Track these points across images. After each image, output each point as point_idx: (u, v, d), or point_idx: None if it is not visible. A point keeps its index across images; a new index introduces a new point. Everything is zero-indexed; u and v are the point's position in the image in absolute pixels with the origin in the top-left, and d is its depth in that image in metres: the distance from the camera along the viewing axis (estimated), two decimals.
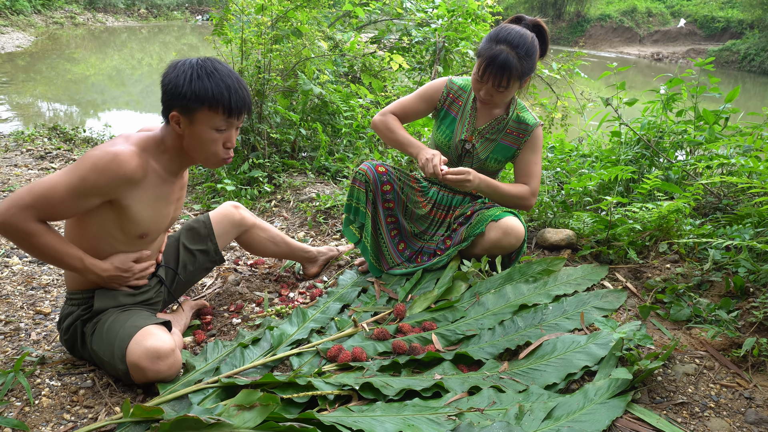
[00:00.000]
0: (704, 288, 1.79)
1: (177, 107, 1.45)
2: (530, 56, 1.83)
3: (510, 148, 2.03)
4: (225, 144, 1.52)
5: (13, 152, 4.33)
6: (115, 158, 1.39)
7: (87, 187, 1.39)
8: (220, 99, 1.44)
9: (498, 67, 1.79)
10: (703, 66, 2.53)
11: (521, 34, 1.81)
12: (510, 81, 1.82)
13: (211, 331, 1.89)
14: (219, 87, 1.44)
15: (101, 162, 1.38)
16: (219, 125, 1.47)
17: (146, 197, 1.49)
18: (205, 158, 1.54)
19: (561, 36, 22.57)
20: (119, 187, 1.42)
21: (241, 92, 1.47)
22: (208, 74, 1.43)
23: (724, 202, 2.25)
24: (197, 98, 1.42)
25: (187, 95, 1.42)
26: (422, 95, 2.09)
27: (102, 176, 1.38)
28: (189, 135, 1.48)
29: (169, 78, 1.44)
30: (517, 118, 2.01)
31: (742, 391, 1.38)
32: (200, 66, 1.44)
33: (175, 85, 1.42)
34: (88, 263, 1.50)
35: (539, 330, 1.63)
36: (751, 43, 16.96)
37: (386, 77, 4.49)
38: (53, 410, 1.43)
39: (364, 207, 2.02)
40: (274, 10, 3.50)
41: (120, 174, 1.40)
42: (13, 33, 13.93)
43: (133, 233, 1.53)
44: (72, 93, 8.76)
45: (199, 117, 1.45)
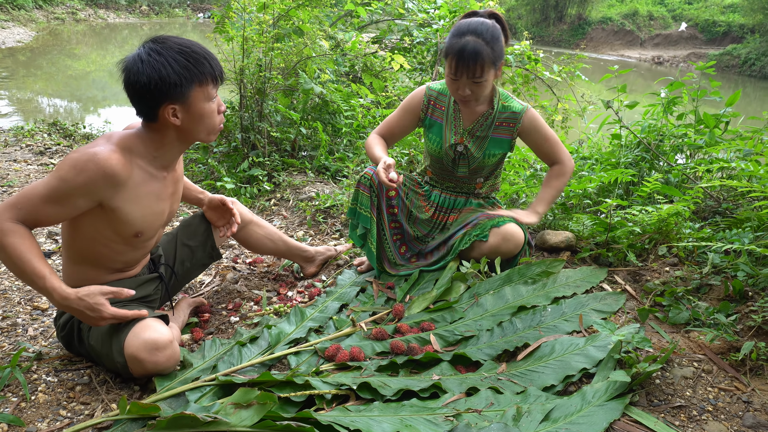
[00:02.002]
0: (703, 291, 1.79)
1: (169, 99, 1.40)
2: (497, 40, 1.81)
3: (504, 140, 2.01)
4: (218, 110, 1.52)
5: (12, 147, 4.32)
6: (92, 159, 1.34)
7: (66, 190, 1.34)
8: (204, 70, 1.42)
9: (469, 56, 1.76)
10: (704, 70, 2.53)
11: (481, 22, 1.81)
12: (484, 68, 1.79)
13: (208, 329, 1.89)
14: (198, 61, 1.41)
15: (79, 163, 1.34)
16: (211, 94, 1.47)
17: (134, 196, 1.46)
18: (207, 133, 1.51)
19: (562, 38, 22.58)
20: (101, 188, 1.37)
21: (212, 54, 1.47)
22: (180, 53, 1.39)
23: (724, 206, 2.25)
24: (187, 80, 1.40)
25: (178, 83, 1.38)
26: (404, 108, 2.08)
27: (80, 177, 1.34)
28: (189, 119, 1.45)
29: (147, 75, 1.37)
30: (502, 108, 1.98)
31: (740, 394, 1.38)
32: (168, 48, 1.39)
33: (159, 78, 1.37)
34: (51, 287, 1.35)
35: (538, 332, 1.62)
36: (751, 48, 16.97)
37: (387, 77, 4.49)
38: (49, 406, 1.43)
39: (368, 212, 2.00)
40: (275, 8, 3.49)
41: (99, 175, 1.35)
42: (14, 28, 13.92)
43: (128, 233, 1.50)
44: (72, 89, 8.75)
45: (194, 96, 1.43)
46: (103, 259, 1.54)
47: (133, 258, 1.62)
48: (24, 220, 1.36)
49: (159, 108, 1.41)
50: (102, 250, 1.52)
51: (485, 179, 2.13)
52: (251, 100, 3.51)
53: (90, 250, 1.51)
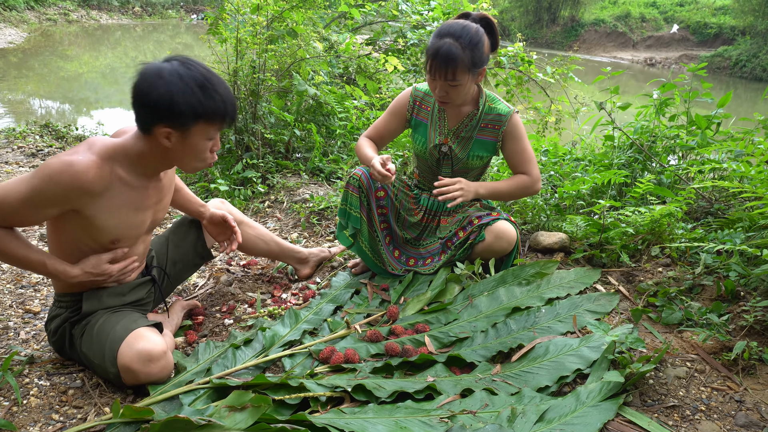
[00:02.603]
0: (696, 291, 1.80)
1: (167, 122, 1.35)
2: (475, 45, 1.78)
3: (489, 142, 2.01)
4: (212, 149, 1.47)
5: (3, 149, 4.28)
6: (69, 169, 1.31)
7: (39, 198, 1.33)
8: (218, 111, 1.39)
9: (442, 59, 1.75)
10: (696, 71, 2.55)
11: (463, 26, 1.79)
12: (457, 72, 1.77)
13: (202, 332, 1.88)
14: (215, 100, 1.37)
15: (54, 173, 1.31)
16: (212, 135, 1.43)
17: (111, 206, 1.42)
18: (193, 166, 1.48)
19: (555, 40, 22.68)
20: (75, 197, 1.35)
21: (232, 98, 1.42)
22: (201, 86, 1.34)
23: (716, 207, 2.27)
24: (196, 114, 1.35)
25: (186, 112, 1.34)
26: (391, 111, 2.08)
27: (55, 187, 1.32)
28: (180, 147, 1.41)
29: (159, 93, 1.32)
30: (488, 110, 1.98)
31: (733, 394, 1.39)
32: (190, 77, 1.34)
33: (170, 101, 1.32)
34: (52, 268, 1.43)
35: (532, 333, 1.63)
36: (742, 50, 17.12)
37: (381, 79, 4.49)
38: (42, 410, 1.42)
39: (357, 212, 2.01)
40: (269, 10, 3.49)
41: (74, 185, 1.33)
42: (5, 29, 13.81)
43: (103, 240, 1.48)
44: (65, 90, 8.70)
45: (195, 130, 1.39)
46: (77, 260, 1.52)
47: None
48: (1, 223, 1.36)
49: (155, 125, 1.37)
50: (87, 253, 1.50)
51: (473, 181, 2.13)
52: (245, 101, 3.50)
53: (74, 252, 1.49)
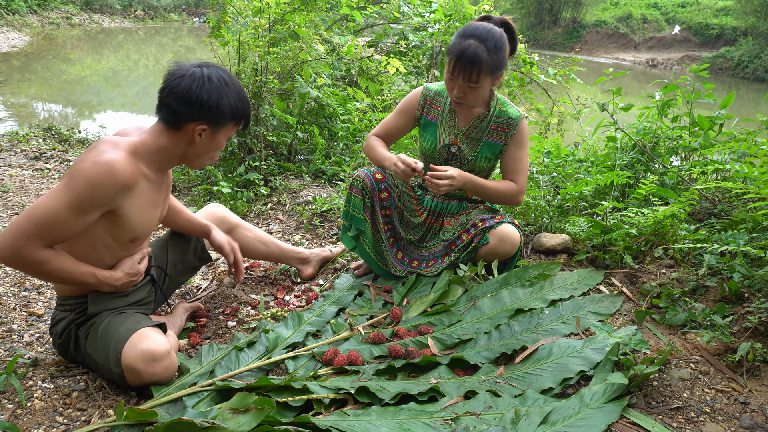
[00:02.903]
0: (699, 293, 1.79)
1: (206, 120, 1.46)
2: (499, 49, 1.80)
3: (497, 144, 2.01)
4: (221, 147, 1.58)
5: (7, 152, 4.30)
6: (110, 169, 1.36)
7: (85, 205, 1.36)
8: (245, 113, 1.53)
9: (467, 60, 1.76)
10: (698, 72, 2.55)
11: (489, 29, 1.80)
12: (481, 75, 1.79)
13: (205, 334, 1.88)
14: (245, 103, 1.51)
15: (96, 176, 1.35)
16: (232, 134, 1.56)
17: (139, 203, 1.48)
18: (203, 163, 1.57)
19: (557, 42, 22.68)
20: (117, 196, 1.40)
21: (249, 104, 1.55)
22: (238, 93, 1.49)
23: (719, 208, 2.26)
24: (232, 114, 1.48)
25: (227, 112, 1.47)
26: (400, 110, 2.09)
27: (100, 189, 1.36)
28: (206, 144, 1.51)
29: (209, 95, 1.43)
30: (499, 113, 1.99)
31: (737, 396, 1.38)
32: (231, 82, 1.48)
33: (218, 101, 1.44)
34: (101, 277, 1.51)
35: (535, 334, 1.63)
36: (744, 50, 17.10)
37: (383, 81, 4.50)
38: (45, 413, 1.42)
39: (361, 214, 2.01)
40: (271, 12, 3.50)
41: (117, 184, 1.38)
42: (8, 33, 13.87)
43: (125, 239, 1.52)
44: (67, 94, 8.73)
45: (223, 130, 1.51)
46: (99, 265, 1.53)
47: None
48: (49, 243, 1.39)
49: (191, 122, 1.45)
50: (99, 256, 1.52)
51: None
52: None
53: (85, 254, 1.50)
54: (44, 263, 1.38)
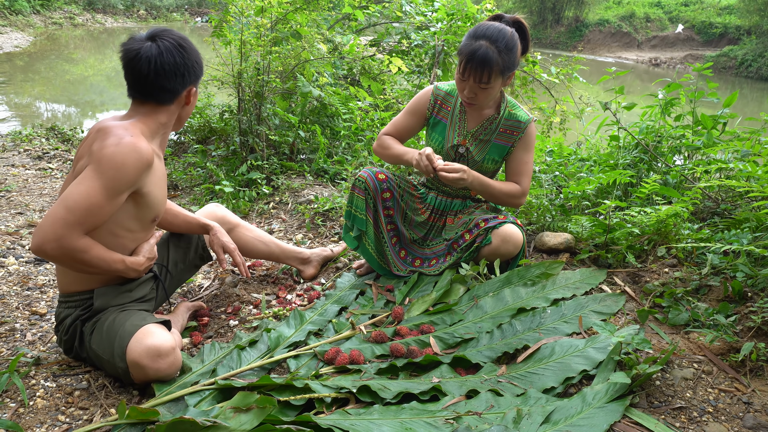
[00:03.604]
0: (702, 292, 1.79)
1: (195, 82, 1.56)
2: (510, 50, 1.79)
3: (504, 147, 2.01)
4: None
5: (10, 152, 4.31)
6: (135, 149, 1.42)
7: (119, 184, 1.41)
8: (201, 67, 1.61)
9: (478, 61, 1.76)
10: (701, 71, 2.54)
11: (500, 29, 1.80)
12: (491, 76, 1.78)
13: (207, 333, 1.88)
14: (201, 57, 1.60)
15: (122, 155, 1.40)
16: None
17: (156, 180, 1.54)
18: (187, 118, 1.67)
19: (559, 41, 22.63)
20: (141, 175, 1.46)
21: None
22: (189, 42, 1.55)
23: (723, 207, 2.25)
24: (202, 70, 1.59)
25: (202, 69, 1.58)
26: (410, 109, 2.09)
27: (129, 170, 1.41)
28: (193, 102, 1.60)
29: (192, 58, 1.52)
30: (509, 115, 1.99)
31: (740, 395, 1.38)
32: (189, 43, 1.54)
33: (198, 63, 1.54)
34: (129, 262, 1.56)
35: (537, 334, 1.62)
36: (748, 49, 17.03)
37: (385, 80, 4.50)
38: (48, 411, 1.42)
39: (363, 214, 2.01)
40: (273, 12, 3.50)
41: (143, 163, 1.44)
42: (11, 33, 13.91)
43: (148, 218, 1.58)
44: (70, 93, 8.74)
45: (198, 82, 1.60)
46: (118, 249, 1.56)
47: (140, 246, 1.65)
48: (88, 230, 1.42)
49: (185, 88, 1.54)
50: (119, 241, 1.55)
51: None
52: (249, 103, 3.51)
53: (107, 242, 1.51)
54: (85, 251, 1.41)
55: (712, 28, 20.04)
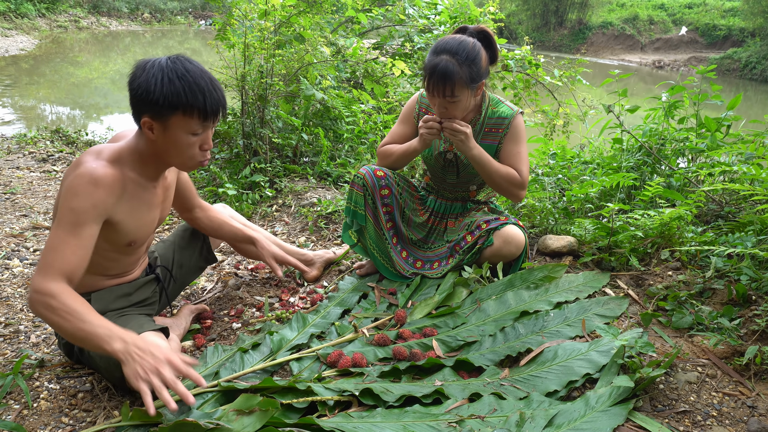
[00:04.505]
0: (706, 296, 1.78)
1: (149, 113, 1.37)
2: (473, 61, 1.77)
3: (492, 146, 1.98)
4: (201, 147, 1.46)
5: (15, 155, 4.33)
6: (91, 178, 1.34)
7: (78, 217, 1.33)
8: (195, 103, 1.36)
9: (439, 76, 1.75)
10: (705, 73, 2.53)
11: (460, 41, 1.78)
12: (455, 89, 1.77)
13: (210, 336, 1.89)
14: (193, 90, 1.35)
15: (80, 187, 1.33)
16: (195, 129, 1.41)
17: (129, 208, 1.46)
18: (181, 162, 1.48)
19: (563, 43, 22.62)
20: (107, 205, 1.38)
21: (215, 93, 1.40)
22: (180, 77, 1.35)
23: (726, 210, 2.25)
24: (170, 104, 1.34)
25: (160, 101, 1.34)
26: (402, 118, 2.09)
27: (84, 201, 1.33)
28: (163, 140, 1.41)
29: (139, 82, 1.35)
30: (491, 113, 1.97)
31: (745, 399, 1.37)
32: (170, 68, 1.35)
33: (146, 90, 1.34)
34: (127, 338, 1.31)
35: (540, 337, 1.62)
36: (752, 52, 16.98)
37: (388, 83, 4.50)
38: (51, 414, 1.43)
39: (363, 210, 2.02)
40: (277, 15, 3.51)
41: (101, 190, 1.35)
42: (17, 36, 14.00)
43: (121, 243, 1.51)
44: (75, 96, 8.79)
45: (174, 122, 1.38)
46: (97, 267, 1.54)
47: (127, 263, 1.62)
48: (64, 275, 1.32)
49: (140, 117, 1.39)
50: (95, 259, 1.49)
51: (478, 188, 2.13)
52: (253, 106, 3.52)
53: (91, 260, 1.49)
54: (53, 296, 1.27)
55: (716, 31, 19.99)
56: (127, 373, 1.26)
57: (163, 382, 1.25)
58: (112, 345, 1.27)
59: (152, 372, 1.25)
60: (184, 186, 1.80)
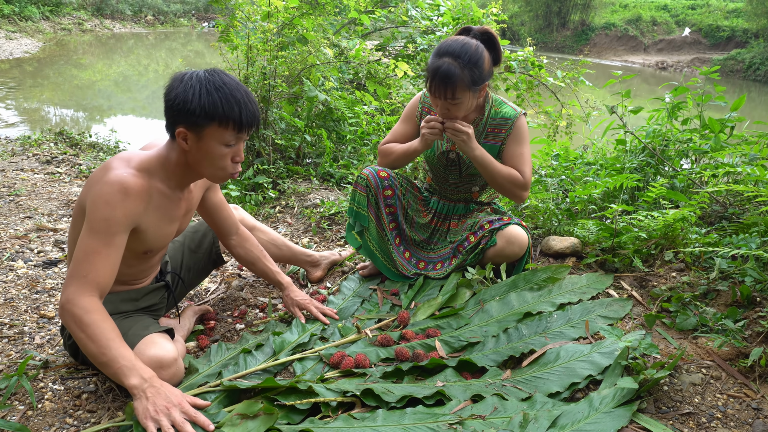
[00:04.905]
0: (710, 297, 1.77)
1: (184, 123, 1.39)
2: (475, 64, 1.77)
3: (494, 146, 1.98)
4: (233, 158, 1.48)
5: (19, 157, 4.35)
6: (121, 187, 1.36)
7: (113, 225, 1.35)
8: (231, 114, 1.39)
9: (440, 79, 1.75)
10: (709, 75, 2.53)
11: (463, 44, 1.77)
12: (456, 91, 1.76)
13: (214, 337, 1.89)
14: (229, 102, 1.38)
15: (111, 195, 1.35)
16: (229, 140, 1.43)
17: (153, 218, 1.47)
18: (212, 173, 1.49)
19: (566, 44, 22.61)
20: (137, 213, 1.40)
21: (251, 106, 1.42)
22: (217, 88, 1.37)
23: (730, 211, 2.24)
24: (207, 114, 1.37)
25: (197, 111, 1.36)
26: (404, 117, 2.09)
27: (119, 209, 1.35)
28: (196, 150, 1.43)
29: (176, 92, 1.37)
30: (495, 114, 1.97)
31: (750, 401, 1.37)
32: (208, 80, 1.38)
33: (183, 100, 1.36)
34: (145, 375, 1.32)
35: (543, 338, 1.61)
36: (756, 52, 16.94)
37: (391, 84, 4.51)
38: (56, 414, 1.43)
39: (365, 210, 2.02)
40: (280, 17, 3.52)
41: (129, 199, 1.37)
42: (21, 39, 14.07)
43: (139, 250, 1.52)
44: (78, 98, 8.82)
45: (209, 133, 1.40)
46: None
47: (140, 270, 1.62)
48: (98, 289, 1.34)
49: (175, 127, 1.41)
50: None
51: (481, 188, 2.12)
52: None
53: None
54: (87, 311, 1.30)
55: (720, 32, 19.96)
56: (138, 409, 1.27)
57: (172, 424, 1.25)
58: (130, 380, 1.29)
59: (163, 413, 1.26)
60: (216, 207, 1.78)
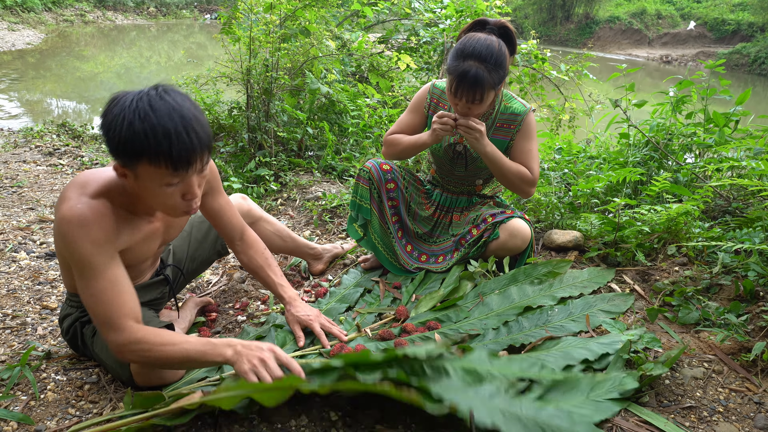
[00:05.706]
0: (713, 291, 1.77)
1: (116, 158, 1.19)
2: (501, 65, 1.75)
3: (503, 142, 1.97)
4: (184, 197, 1.26)
5: (22, 148, 4.35)
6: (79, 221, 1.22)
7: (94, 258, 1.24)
8: (159, 151, 1.14)
9: (469, 84, 1.72)
10: (713, 68, 2.51)
11: (488, 45, 1.73)
12: (484, 94, 1.75)
13: (215, 329, 1.89)
14: (155, 135, 1.13)
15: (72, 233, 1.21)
16: (167, 180, 1.20)
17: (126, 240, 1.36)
18: (164, 211, 1.33)
19: (569, 38, 22.48)
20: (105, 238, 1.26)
21: (185, 137, 1.15)
22: (143, 118, 1.12)
23: (734, 205, 2.23)
24: (132, 151, 1.14)
25: (119, 147, 1.15)
26: (412, 107, 2.07)
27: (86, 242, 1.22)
28: (138, 188, 1.24)
29: (103, 122, 1.18)
30: (504, 109, 1.95)
31: (752, 395, 1.36)
32: (137, 107, 1.14)
33: (106, 133, 1.16)
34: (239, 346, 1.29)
35: (544, 331, 1.61)
36: (761, 46, 16.82)
37: (394, 77, 4.49)
38: (58, 405, 1.44)
39: (368, 204, 2.01)
40: (282, 8, 3.50)
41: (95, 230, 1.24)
42: (23, 30, 14.05)
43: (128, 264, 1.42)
44: (81, 90, 8.82)
45: (142, 172, 1.18)
46: None
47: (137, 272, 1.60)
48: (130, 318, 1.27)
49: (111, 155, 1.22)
50: None
51: (485, 182, 2.12)
52: (258, 100, 3.52)
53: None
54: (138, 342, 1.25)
55: (725, 25, 19.82)
56: (240, 370, 1.24)
57: (268, 371, 1.23)
58: (224, 354, 1.27)
59: (258, 362, 1.24)
60: (215, 214, 1.64)
